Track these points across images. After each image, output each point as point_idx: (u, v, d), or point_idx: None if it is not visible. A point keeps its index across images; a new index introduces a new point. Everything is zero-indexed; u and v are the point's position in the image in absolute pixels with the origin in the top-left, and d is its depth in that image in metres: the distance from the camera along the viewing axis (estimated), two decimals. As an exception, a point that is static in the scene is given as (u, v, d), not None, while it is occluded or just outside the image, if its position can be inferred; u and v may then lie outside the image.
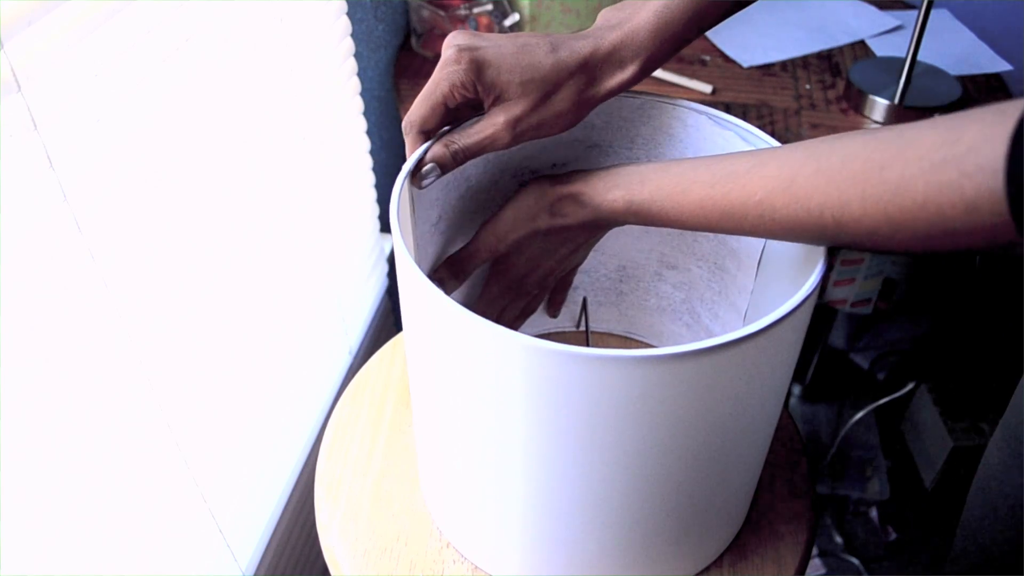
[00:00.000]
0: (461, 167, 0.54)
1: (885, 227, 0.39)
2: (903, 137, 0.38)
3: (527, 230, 0.55)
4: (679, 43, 0.52)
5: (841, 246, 0.43)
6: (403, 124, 0.53)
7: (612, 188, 0.51)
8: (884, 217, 0.38)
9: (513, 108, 0.50)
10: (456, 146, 0.51)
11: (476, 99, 0.51)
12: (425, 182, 0.52)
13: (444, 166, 0.52)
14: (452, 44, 0.50)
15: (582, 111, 0.52)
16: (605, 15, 0.53)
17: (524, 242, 0.56)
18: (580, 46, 0.51)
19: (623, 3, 0.52)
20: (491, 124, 0.51)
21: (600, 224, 0.54)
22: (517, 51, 0.50)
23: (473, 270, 0.58)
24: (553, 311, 0.70)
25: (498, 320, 0.61)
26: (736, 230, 0.46)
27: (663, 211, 0.49)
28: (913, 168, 0.36)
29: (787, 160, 0.43)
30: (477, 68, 0.49)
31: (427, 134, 0.52)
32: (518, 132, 0.51)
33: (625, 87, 0.52)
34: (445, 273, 0.58)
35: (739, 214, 0.45)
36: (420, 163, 0.52)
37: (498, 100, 0.51)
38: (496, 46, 0.50)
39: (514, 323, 0.64)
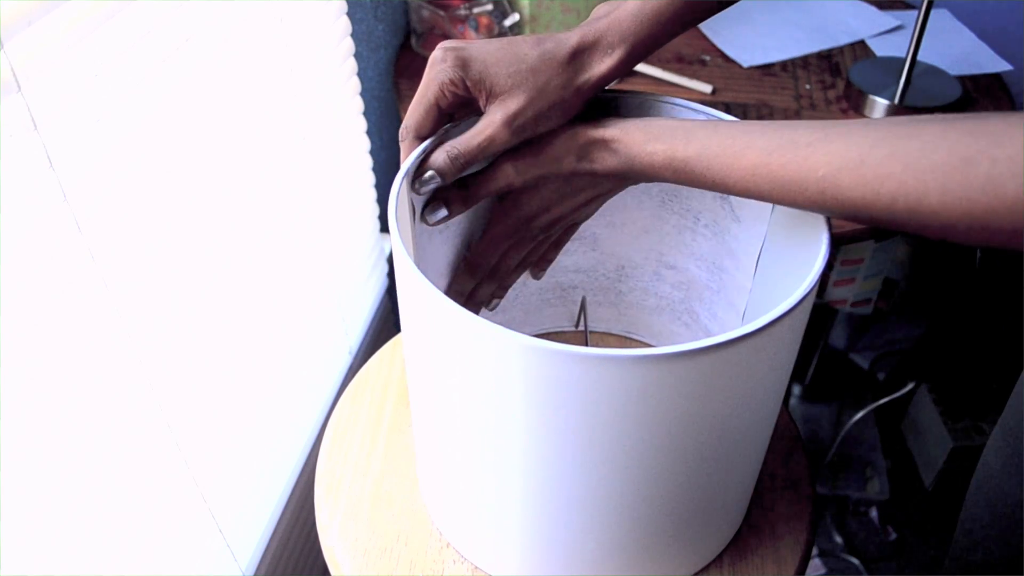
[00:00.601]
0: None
1: (964, 222, 0.37)
2: (989, 132, 0.36)
3: (549, 169, 0.53)
4: (667, 28, 0.51)
5: (905, 231, 0.42)
6: (400, 132, 0.52)
7: (652, 140, 0.49)
8: (965, 213, 0.37)
9: (508, 104, 0.50)
10: (455, 152, 0.51)
11: (468, 96, 0.51)
12: (424, 189, 0.52)
13: (445, 175, 0.52)
14: (439, 47, 0.51)
15: (577, 100, 0.52)
16: (597, 9, 0.53)
17: (543, 181, 0.54)
18: (566, 37, 0.51)
19: None
20: (489, 124, 0.51)
21: (631, 176, 0.52)
22: (502, 46, 0.50)
23: (484, 198, 0.56)
24: (538, 271, 0.66)
25: (495, 268, 0.60)
26: (788, 202, 0.44)
27: (709, 171, 0.47)
28: (1002, 168, 0.35)
29: (856, 138, 0.41)
30: (463, 64, 0.50)
31: (423, 140, 0.52)
32: (516, 128, 0.51)
33: (615, 73, 0.51)
34: (455, 197, 0.55)
35: (797, 188, 0.43)
36: (420, 169, 0.52)
37: (491, 96, 0.50)
38: (482, 44, 0.51)
39: (511, 274, 0.62)
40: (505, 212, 0.57)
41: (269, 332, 0.86)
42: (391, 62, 1.19)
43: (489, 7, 1.12)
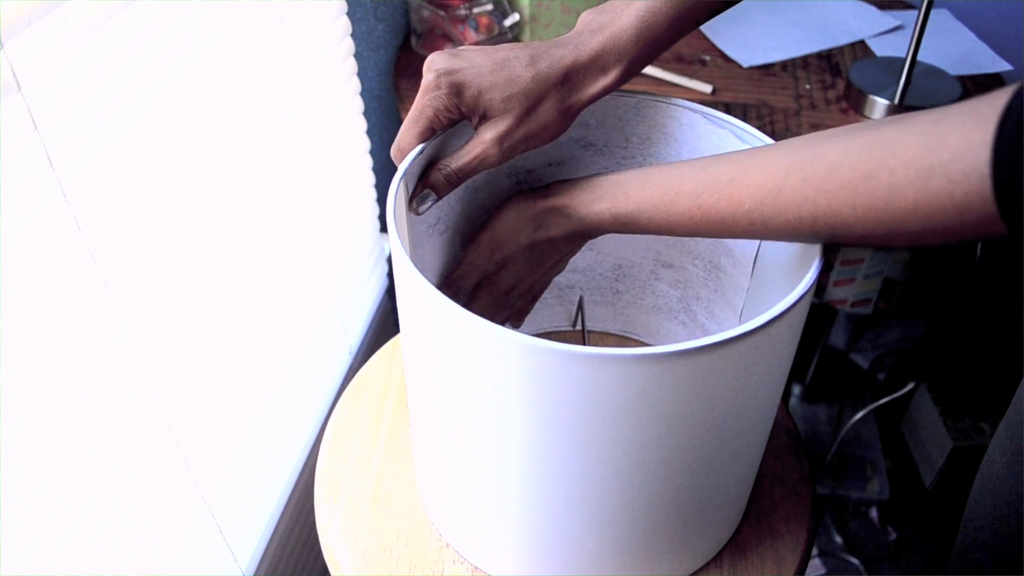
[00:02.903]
0: None
1: (879, 231, 0.40)
2: (885, 143, 0.38)
3: (512, 246, 0.56)
4: (662, 45, 0.52)
5: (840, 244, 0.44)
6: (392, 152, 0.53)
7: (596, 200, 0.51)
8: (877, 223, 0.39)
9: (499, 125, 0.51)
10: (448, 170, 0.52)
11: (461, 119, 0.52)
12: (422, 208, 0.53)
13: (439, 191, 0.53)
14: (431, 68, 0.51)
15: (568, 120, 0.53)
16: (585, 18, 0.52)
17: (510, 258, 0.56)
18: (560, 55, 0.51)
19: (604, 5, 0.52)
20: (479, 143, 0.51)
21: (586, 235, 0.54)
22: (496, 68, 0.50)
23: (469, 288, 0.58)
24: (518, 323, 0.67)
25: None
26: (728, 236, 0.47)
27: (652, 222, 0.49)
28: (900, 177, 0.37)
29: (770, 168, 0.43)
30: (457, 91, 0.50)
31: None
32: (506, 147, 0.51)
33: (607, 92, 0.52)
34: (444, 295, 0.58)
35: (729, 223, 0.45)
36: (416, 191, 0.53)
37: (484, 118, 0.51)
38: (474, 66, 0.50)
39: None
40: (486, 290, 0.58)
41: (269, 332, 0.86)
42: (391, 62, 1.19)
43: (489, 7, 1.12)
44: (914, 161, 0.37)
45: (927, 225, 0.37)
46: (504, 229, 0.55)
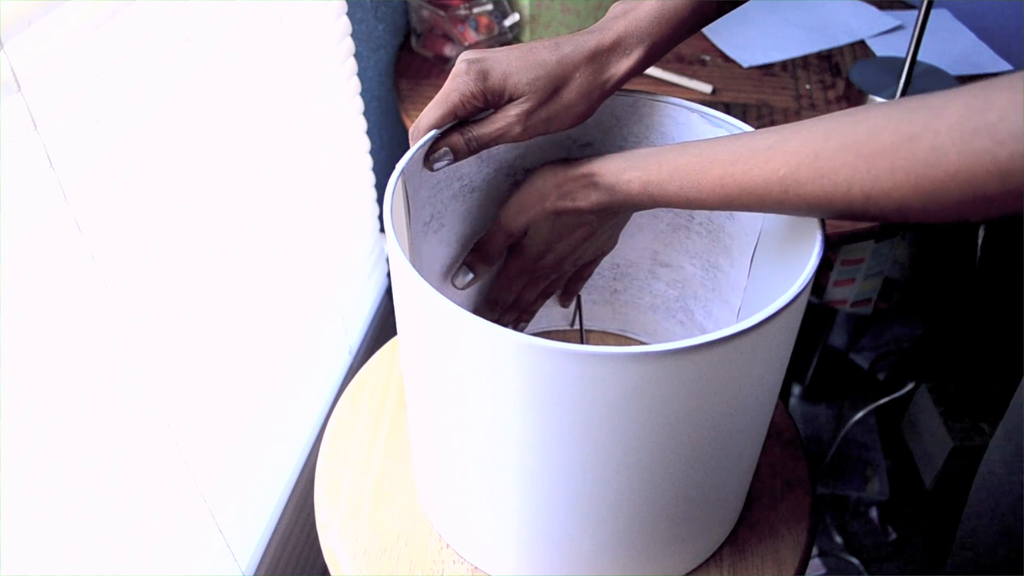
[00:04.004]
0: (454, 167, 0.56)
1: (915, 199, 0.39)
2: (930, 107, 0.38)
3: (537, 211, 0.56)
4: (684, 28, 0.53)
5: (868, 220, 0.43)
6: (411, 129, 0.54)
7: (627, 169, 0.51)
8: (914, 190, 0.38)
9: (524, 104, 0.52)
10: (470, 134, 0.53)
11: (485, 108, 0.53)
12: (437, 165, 0.54)
13: (458, 152, 0.54)
14: (462, 59, 0.53)
15: (592, 103, 0.53)
16: (613, 8, 0.54)
17: (535, 223, 0.57)
18: (585, 40, 0.52)
19: None
20: (504, 117, 0.53)
21: (614, 207, 0.54)
22: (523, 54, 0.52)
23: (497, 253, 0.59)
24: (564, 300, 0.70)
25: (515, 302, 0.64)
26: (758, 207, 0.46)
27: (681, 191, 0.49)
28: (944, 138, 0.36)
29: (810, 135, 0.43)
30: (484, 76, 0.51)
31: None
32: (529, 125, 0.52)
33: (633, 74, 0.53)
34: (473, 259, 0.60)
35: (761, 191, 0.45)
36: (435, 146, 0.53)
37: (510, 100, 0.52)
38: (502, 53, 0.52)
39: (532, 306, 0.65)
40: (514, 256, 0.60)
41: (269, 332, 0.86)
42: (391, 62, 1.19)
43: (489, 7, 1.12)
44: (959, 123, 0.36)
45: (967, 191, 0.36)
46: (531, 193, 0.56)
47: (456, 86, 0.52)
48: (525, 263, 0.60)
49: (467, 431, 0.49)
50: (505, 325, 0.65)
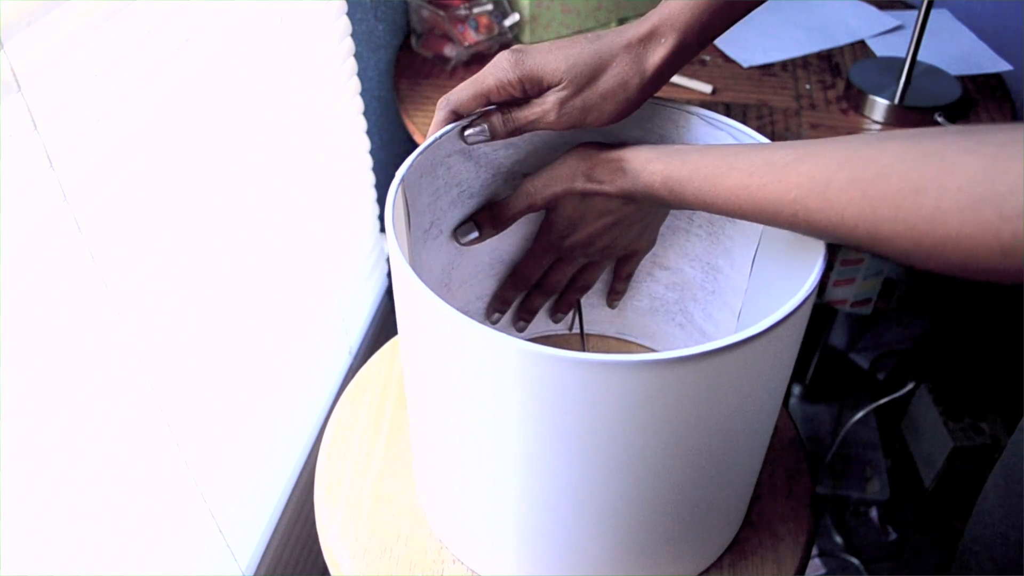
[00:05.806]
0: (452, 173, 0.57)
1: (917, 253, 0.37)
2: (943, 158, 0.36)
3: (563, 187, 0.57)
4: (717, 18, 0.53)
5: (877, 255, 0.42)
6: (440, 100, 0.55)
7: (653, 160, 0.52)
8: (915, 245, 0.37)
9: (560, 92, 0.53)
10: (508, 115, 0.54)
11: (522, 96, 0.54)
12: (472, 139, 0.55)
13: (495, 132, 0.55)
14: (505, 51, 0.54)
15: (630, 95, 0.53)
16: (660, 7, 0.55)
17: (561, 200, 0.58)
18: (623, 30, 0.53)
19: None
20: (540, 103, 0.53)
21: (636, 196, 0.54)
22: (563, 46, 0.53)
23: (510, 219, 0.60)
24: (613, 300, 0.70)
25: (543, 283, 0.65)
26: (769, 223, 0.46)
27: (699, 192, 0.49)
28: (950, 200, 0.35)
29: (825, 160, 0.42)
30: (521, 64, 0.53)
31: (458, 116, 0.55)
32: (564, 113, 0.53)
33: (670, 65, 0.53)
34: (483, 218, 0.60)
35: (774, 209, 0.45)
36: (473, 123, 0.54)
37: (548, 90, 0.53)
38: (544, 45, 0.54)
39: (567, 296, 0.67)
40: (541, 234, 0.62)
41: (269, 332, 0.86)
42: (391, 62, 1.19)
43: (489, 7, 1.12)
44: (968, 186, 0.34)
45: (966, 259, 0.35)
46: (563, 170, 0.57)
47: (493, 71, 0.53)
48: (552, 239, 0.61)
49: (468, 437, 0.49)
50: (534, 309, 0.68)
